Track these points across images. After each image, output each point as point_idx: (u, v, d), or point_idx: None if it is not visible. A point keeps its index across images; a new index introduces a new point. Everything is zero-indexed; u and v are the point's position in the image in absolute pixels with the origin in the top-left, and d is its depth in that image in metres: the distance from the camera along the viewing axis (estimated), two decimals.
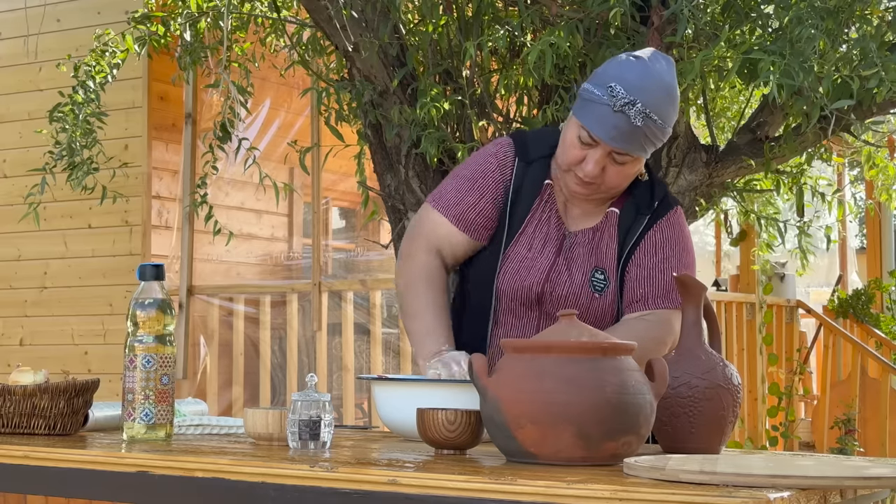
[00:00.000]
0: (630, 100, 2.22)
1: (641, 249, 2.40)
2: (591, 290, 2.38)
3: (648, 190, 2.43)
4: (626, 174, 2.35)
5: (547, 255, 2.40)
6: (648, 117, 2.24)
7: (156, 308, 2.12)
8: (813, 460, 1.80)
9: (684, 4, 3.13)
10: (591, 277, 2.39)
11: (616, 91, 2.23)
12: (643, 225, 2.41)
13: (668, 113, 2.27)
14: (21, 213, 4.98)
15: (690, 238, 2.48)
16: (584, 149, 2.31)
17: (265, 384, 6.52)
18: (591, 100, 2.28)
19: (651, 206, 2.42)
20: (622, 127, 2.24)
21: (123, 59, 4.47)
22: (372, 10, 3.65)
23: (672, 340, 2.34)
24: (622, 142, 2.26)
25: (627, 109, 2.23)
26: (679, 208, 2.47)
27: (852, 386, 7.46)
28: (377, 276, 6.88)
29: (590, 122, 2.28)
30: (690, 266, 2.43)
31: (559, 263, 2.40)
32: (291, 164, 7.09)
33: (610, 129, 2.25)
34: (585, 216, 2.44)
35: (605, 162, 2.31)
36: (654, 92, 2.24)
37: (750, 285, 7.68)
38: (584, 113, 2.29)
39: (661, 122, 2.26)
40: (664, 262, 2.39)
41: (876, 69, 3.04)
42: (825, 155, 4.29)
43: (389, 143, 3.82)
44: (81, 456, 1.96)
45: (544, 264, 2.40)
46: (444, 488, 1.60)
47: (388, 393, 2.19)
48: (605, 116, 2.25)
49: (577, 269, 2.40)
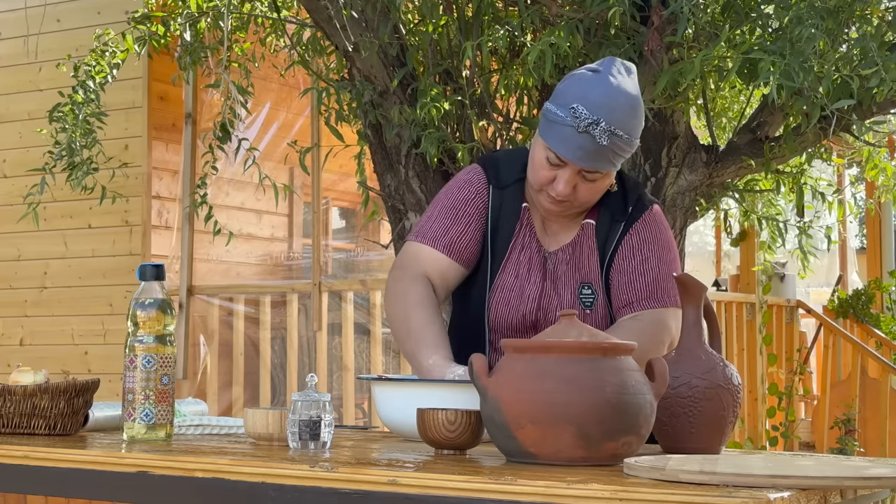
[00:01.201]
0: (594, 119, 2.20)
1: (620, 255, 2.40)
2: (581, 307, 2.38)
3: (621, 196, 2.43)
4: (598, 189, 2.34)
5: (534, 281, 2.39)
6: (614, 134, 2.21)
7: (156, 308, 2.12)
8: (813, 460, 1.80)
9: (684, 4, 3.13)
10: (579, 294, 2.39)
11: (579, 112, 2.21)
12: (619, 231, 2.40)
13: (633, 126, 2.25)
14: (21, 213, 4.98)
15: (669, 234, 2.46)
16: (552, 169, 2.29)
17: (265, 384, 6.52)
18: (555, 121, 2.25)
19: (625, 212, 2.41)
20: (588, 147, 2.22)
21: (123, 59, 4.47)
22: (372, 10, 3.65)
23: (669, 338, 2.34)
24: (590, 161, 2.25)
25: (592, 129, 2.20)
26: (655, 206, 2.45)
27: (852, 386, 7.46)
28: (377, 276, 6.88)
29: (555, 143, 2.26)
30: (672, 262, 2.42)
31: (547, 288, 2.39)
32: (291, 164, 7.09)
33: (576, 150, 2.23)
34: (563, 231, 2.43)
35: (576, 180, 2.29)
36: (618, 108, 2.21)
37: (750, 285, 7.68)
38: (549, 134, 2.27)
39: (628, 136, 2.24)
40: (644, 264, 2.39)
41: (876, 69, 3.04)
42: (825, 155, 4.29)
43: (389, 143, 3.82)
44: (81, 456, 1.96)
45: (533, 291, 2.39)
46: (444, 488, 1.60)
47: (388, 393, 2.19)
48: (570, 137, 2.23)
49: (565, 288, 2.39)
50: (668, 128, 3.79)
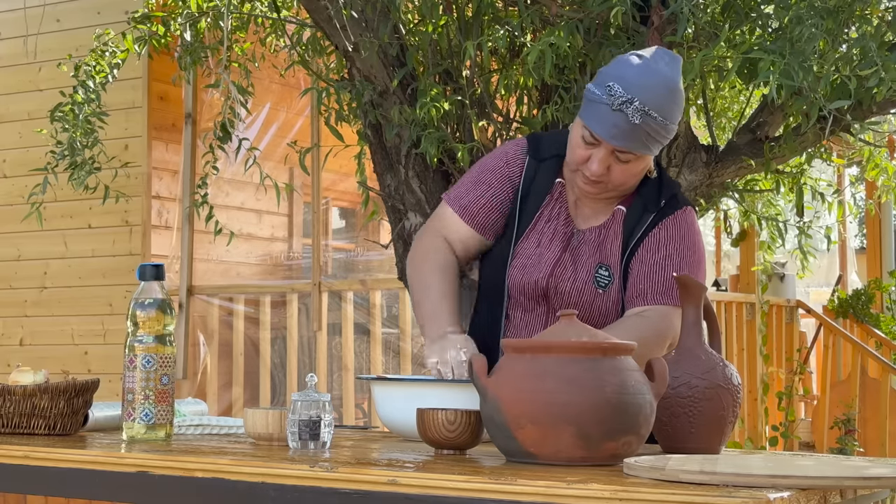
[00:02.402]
0: (627, 98, 2.24)
1: (645, 246, 2.41)
2: (594, 286, 2.40)
3: (656, 188, 2.44)
4: (632, 172, 2.36)
5: (553, 250, 2.43)
6: (647, 114, 2.24)
7: (156, 308, 2.12)
8: (813, 460, 1.80)
9: (684, 4, 3.13)
10: (595, 273, 2.41)
11: (614, 90, 2.25)
12: (648, 222, 2.42)
13: (669, 109, 2.27)
14: (21, 212, 4.98)
15: (699, 239, 2.47)
16: (588, 148, 2.33)
17: (265, 384, 6.52)
18: (593, 100, 2.30)
19: (658, 204, 2.43)
20: (621, 125, 2.25)
21: (123, 59, 4.47)
22: (372, 10, 3.65)
23: (672, 338, 2.34)
24: (622, 140, 2.28)
25: (625, 108, 2.24)
26: (689, 209, 2.47)
27: (852, 386, 7.46)
28: (377, 276, 6.88)
29: (591, 121, 2.30)
30: (696, 266, 2.42)
31: (564, 259, 2.42)
32: (291, 164, 7.09)
33: (610, 128, 2.27)
34: (595, 214, 2.45)
35: (610, 161, 2.32)
36: (654, 89, 2.24)
37: (750, 285, 7.68)
38: (586, 113, 2.32)
39: (662, 119, 2.26)
40: (667, 260, 2.40)
41: (875, 69, 3.03)
42: (825, 155, 4.29)
43: (389, 143, 3.82)
44: (81, 456, 1.96)
45: (550, 259, 2.42)
46: (444, 488, 1.60)
47: (387, 393, 2.19)
48: (604, 115, 2.27)
49: (582, 265, 2.41)
50: None
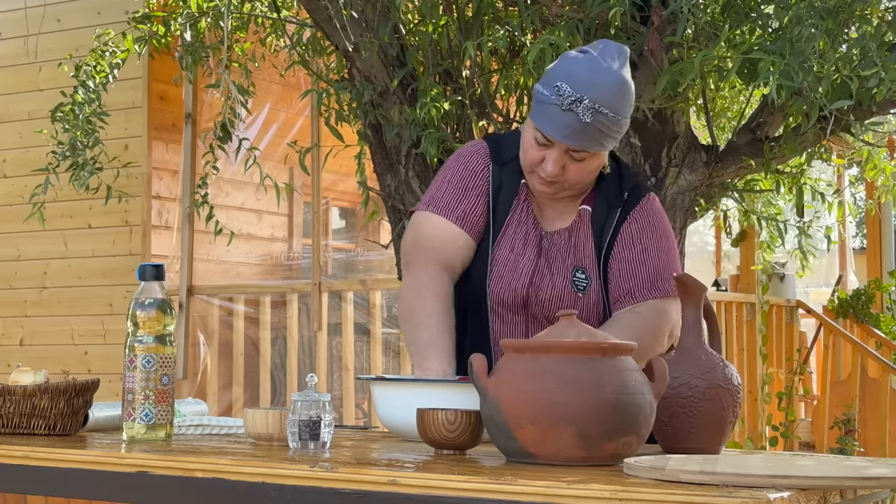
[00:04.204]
0: (577, 97, 2.21)
1: (619, 243, 2.39)
2: (573, 290, 2.37)
3: (616, 181, 2.42)
4: (587, 170, 2.34)
5: (528, 256, 2.39)
6: (598, 112, 2.22)
7: (156, 308, 2.12)
8: (813, 460, 1.80)
9: (684, 4, 3.13)
10: (572, 278, 2.38)
11: (563, 90, 2.22)
12: (616, 218, 2.40)
13: (619, 105, 2.24)
14: (21, 212, 4.99)
15: (667, 222, 2.46)
16: (541, 149, 2.31)
17: (265, 384, 6.52)
18: (542, 100, 2.27)
19: (621, 198, 2.41)
20: (572, 125, 2.23)
21: (124, 59, 4.47)
22: (372, 10, 3.65)
23: (669, 327, 2.33)
24: (575, 139, 2.25)
25: (575, 107, 2.21)
26: (651, 195, 2.45)
27: (852, 386, 7.46)
28: (377, 276, 6.89)
29: (542, 122, 2.27)
30: (672, 252, 2.41)
31: (541, 266, 2.39)
32: (291, 164, 7.09)
33: (561, 128, 2.24)
34: (560, 216, 2.43)
35: (564, 160, 2.30)
36: (603, 86, 2.22)
37: (750, 285, 7.68)
38: (536, 114, 2.29)
39: (614, 114, 2.23)
40: (644, 253, 2.38)
41: (876, 69, 3.04)
42: (825, 155, 4.29)
43: (389, 143, 3.82)
44: (81, 456, 1.96)
45: (527, 267, 2.38)
46: (444, 488, 1.60)
47: (387, 393, 2.19)
48: (555, 116, 2.24)
49: (558, 270, 2.38)
50: (668, 128, 3.78)
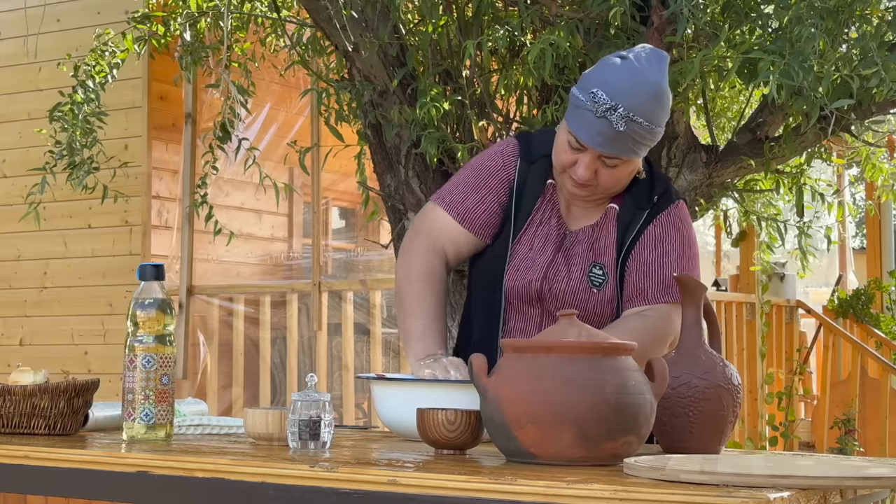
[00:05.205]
0: (611, 105, 2.21)
1: (641, 244, 2.40)
2: (588, 285, 2.39)
3: (648, 185, 2.43)
4: (619, 176, 2.34)
5: (546, 253, 2.41)
6: (632, 120, 2.22)
7: (156, 308, 2.12)
8: (813, 460, 1.80)
9: (684, 4, 3.13)
10: (588, 273, 2.39)
11: (598, 97, 2.22)
12: (642, 220, 2.41)
13: (655, 114, 2.25)
14: (21, 213, 4.98)
15: (693, 232, 2.47)
16: (574, 153, 2.31)
17: (265, 384, 6.52)
18: (577, 105, 2.28)
19: (650, 201, 2.42)
20: (606, 132, 2.24)
21: (123, 59, 4.47)
22: (372, 10, 3.65)
23: (672, 336, 2.34)
24: (608, 146, 2.26)
25: (609, 115, 2.22)
26: (681, 203, 2.46)
27: (852, 386, 7.46)
28: (377, 276, 6.88)
29: (576, 127, 2.28)
30: (692, 260, 2.42)
31: (557, 261, 2.40)
32: (291, 164, 7.09)
33: (595, 135, 2.25)
34: (586, 214, 2.44)
35: (596, 165, 2.31)
36: (638, 95, 2.22)
37: (750, 285, 7.68)
38: (571, 118, 2.30)
39: (648, 123, 2.24)
40: (664, 257, 2.39)
41: (876, 69, 3.03)
42: (825, 155, 4.29)
43: (389, 143, 3.82)
44: (81, 456, 1.96)
45: (543, 262, 2.40)
46: (444, 488, 1.60)
47: (387, 393, 2.19)
48: (589, 122, 2.25)
49: (576, 265, 2.40)
50: (668, 128, 3.78)
